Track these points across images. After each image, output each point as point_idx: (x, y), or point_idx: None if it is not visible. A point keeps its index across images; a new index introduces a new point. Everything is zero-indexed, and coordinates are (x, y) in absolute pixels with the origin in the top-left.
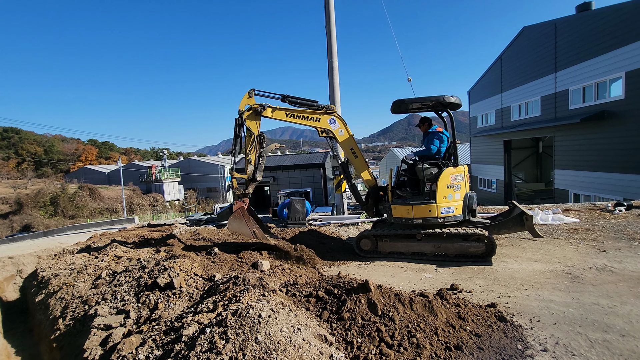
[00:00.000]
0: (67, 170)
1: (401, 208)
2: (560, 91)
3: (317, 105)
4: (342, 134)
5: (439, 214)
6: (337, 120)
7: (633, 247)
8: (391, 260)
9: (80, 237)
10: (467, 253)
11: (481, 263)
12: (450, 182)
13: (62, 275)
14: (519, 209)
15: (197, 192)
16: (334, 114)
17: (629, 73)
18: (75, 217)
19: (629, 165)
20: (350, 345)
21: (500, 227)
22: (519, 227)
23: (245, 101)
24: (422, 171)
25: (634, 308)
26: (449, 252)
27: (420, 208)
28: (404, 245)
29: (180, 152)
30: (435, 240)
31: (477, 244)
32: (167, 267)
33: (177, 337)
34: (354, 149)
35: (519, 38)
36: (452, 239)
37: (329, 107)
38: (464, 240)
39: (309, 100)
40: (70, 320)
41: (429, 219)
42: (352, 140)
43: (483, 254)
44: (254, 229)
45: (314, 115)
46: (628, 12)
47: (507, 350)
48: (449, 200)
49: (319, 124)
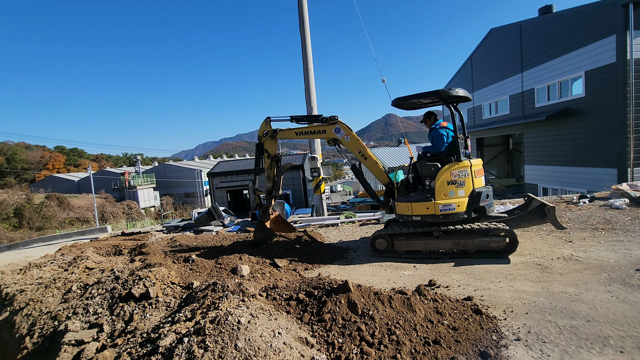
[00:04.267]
0: (33, 180)
1: (402, 205)
2: (527, 90)
3: (321, 119)
4: (348, 140)
5: (437, 211)
6: (342, 128)
7: (596, 237)
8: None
9: (48, 250)
10: (487, 249)
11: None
12: (451, 179)
13: (29, 290)
14: (538, 201)
15: (174, 198)
16: (337, 123)
17: (589, 72)
18: (43, 228)
19: (591, 159)
20: (332, 346)
21: (520, 221)
22: (540, 220)
23: (263, 128)
24: (426, 168)
25: (597, 294)
26: (468, 248)
27: (419, 205)
28: (421, 243)
29: (155, 158)
30: (454, 237)
31: (498, 239)
32: (143, 277)
33: (154, 348)
34: (362, 152)
35: (487, 39)
36: (471, 234)
37: (332, 117)
38: (484, 235)
39: (314, 115)
40: (38, 338)
41: (427, 216)
42: (360, 144)
43: (505, 249)
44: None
45: (319, 128)
46: (586, 14)
47: (483, 341)
48: (450, 197)
49: (325, 135)
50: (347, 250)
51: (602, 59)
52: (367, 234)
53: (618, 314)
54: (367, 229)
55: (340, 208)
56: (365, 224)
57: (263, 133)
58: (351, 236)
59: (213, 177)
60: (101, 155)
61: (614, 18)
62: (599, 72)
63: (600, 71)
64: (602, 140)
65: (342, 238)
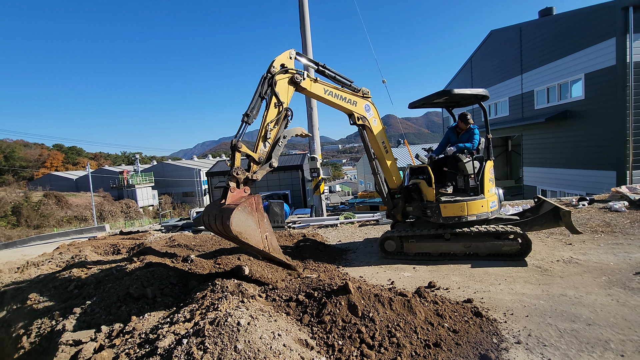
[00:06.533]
0: (31, 178)
1: (455, 206)
2: (527, 92)
3: (353, 87)
4: (375, 124)
5: (489, 209)
6: (372, 108)
7: (596, 239)
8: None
9: (46, 248)
10: (500, 252)
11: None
12: (491, 176)
13: (26, 289)
14: (551, 204)
15: (172, 197)
16: (369, 100)
17: (588, 75)
18: (41, 226)
19: (590, 161)
20: (332, 348)
21: (532, 224)
22: (553, 223)
23: (283, 59)
24: (470, 166)
25: (598, 297)
26: (480, 251)
27: (474, 204)
28: (431, 245)
29: (154, 156)
30: (465, 240)
31: (511, 242)
32: (141, 277)
33: (153, 349)
34: (385, 143)
35: (487, 41)
36: (483, 237)
37: (364, 90)
38: (496, 238)
39: (346, 78)
40: (35, 337)
41: (481, 215)
42: (384, 133)
43: (517, 253)
44: (266, 233)
45: (353, 97)
46: (586, 17)
47: (484, 344)
48: (493, 195)
49: (355, 108)
50: (347, 252)
51: (602, 61)
52: (366, 234)
53: (618, 317)
54: (367, 230)
55: (339, 208)
56: (364, 224)
57: (280, 65)
58: (350, 237)
59: (212, 176)
60: (100, 153)
61: (614, 21)
62: (598, 75)
63: (599, 74)
64: (601, 143)
65: (342, 239)
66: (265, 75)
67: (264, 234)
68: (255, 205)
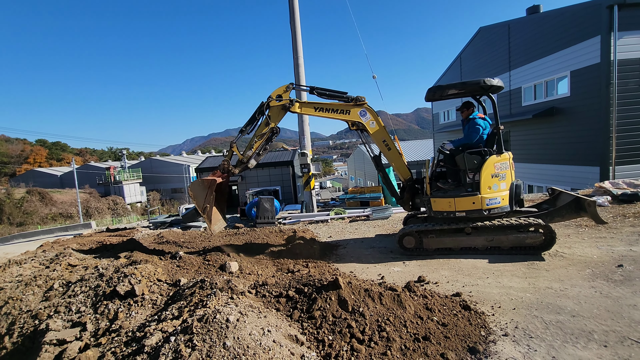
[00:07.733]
0: (13, 174)
1: (442, 201)
2: (514, 89)
3: (346, 97)
4: (373, 126)
5: (483, 206)
6: (368, 112)
7: (580, 233)
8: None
9: (30, 246)
10: (523, 245)
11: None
12: (494, 172)
13: (8, 288)
14: (571, 194)
15: (161, 193)
16: (364, 106)
17: (574, 72)
18: (24, 224)
19: (575, 157)
20: (322, 343)
21: (553, 215)
22: (574, 214)
23: (279, 91)
24: (464, 161)
25: (582, 290)
26: (502, 244)
27: (463, 200)
28: (452, 240)
29: (142, 152)
30: (486, 233)
31: (535, 235)
32: (128, 274)
33: (139, 347)
34: (386, 141)
35: (476, 38)
36: (505, 230)
37: (359, 98)
38: (519, 231)
39: (338, 91)
40: (18, 337)
41: (472, 211)
42: (384, 132)
43: (541, 245)
44: (207, 205)
45: (344, 108)
46: (572, 15)
47: (472, 337)
48: (494, 191)
49: (349, 116)
50: (337, 247)
51: (587, 59)
52: (356, 230)
53: (602, 309)
54: (357, 225)
55: (329, 204)
56: (354, 220)
57: (276, 96)
58: (341, 233)
59: (201, 172)
60: (85, 149)
61: (599, 19)
62: (583, 72)
63: (585, 71)
64: (586, 139)
65: (332, 235)
66: (263, 102)
67: (205, 204)
68: (210, 184)
